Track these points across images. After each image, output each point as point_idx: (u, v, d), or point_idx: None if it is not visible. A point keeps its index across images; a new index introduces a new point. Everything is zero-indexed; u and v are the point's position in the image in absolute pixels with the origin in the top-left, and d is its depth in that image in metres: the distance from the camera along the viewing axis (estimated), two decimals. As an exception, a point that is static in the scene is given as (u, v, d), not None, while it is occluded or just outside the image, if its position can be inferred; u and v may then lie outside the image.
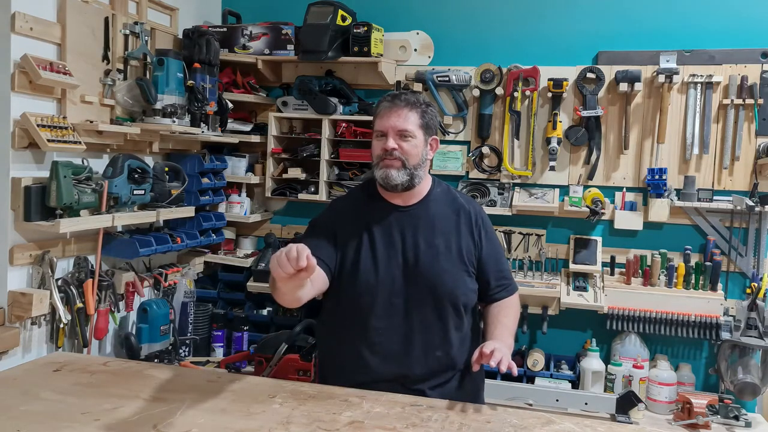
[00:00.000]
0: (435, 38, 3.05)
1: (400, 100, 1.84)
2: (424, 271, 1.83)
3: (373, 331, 1.82)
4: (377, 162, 1.85)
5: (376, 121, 1.87)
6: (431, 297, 1.83)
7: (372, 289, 1.81)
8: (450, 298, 1.84)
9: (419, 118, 1.84)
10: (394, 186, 1.83)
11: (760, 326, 2.47)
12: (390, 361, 1.82)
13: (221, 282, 3.18)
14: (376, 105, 1.90)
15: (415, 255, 1.84)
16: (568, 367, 2.75)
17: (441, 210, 1.92)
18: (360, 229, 1.87)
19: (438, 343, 1.83)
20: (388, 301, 1.82)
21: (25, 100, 2.13)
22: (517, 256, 2.93)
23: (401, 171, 1.82)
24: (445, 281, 1.83)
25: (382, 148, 1.83)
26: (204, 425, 1.47)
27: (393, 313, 1.82)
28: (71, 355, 2.12)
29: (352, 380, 1.80)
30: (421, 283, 1.82)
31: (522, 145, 2.92)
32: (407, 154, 1.82)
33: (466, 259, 1.88)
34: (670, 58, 2.66)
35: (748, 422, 2.37)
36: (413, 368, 1.81)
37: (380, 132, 1.85)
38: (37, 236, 2.19)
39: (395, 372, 1.82)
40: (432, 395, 1.80)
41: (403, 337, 1.82)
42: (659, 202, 2.73)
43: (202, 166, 2.88)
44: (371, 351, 1.82)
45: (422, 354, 1.82)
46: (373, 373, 1.81)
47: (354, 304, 1.84)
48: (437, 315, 1.83)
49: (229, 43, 3.04)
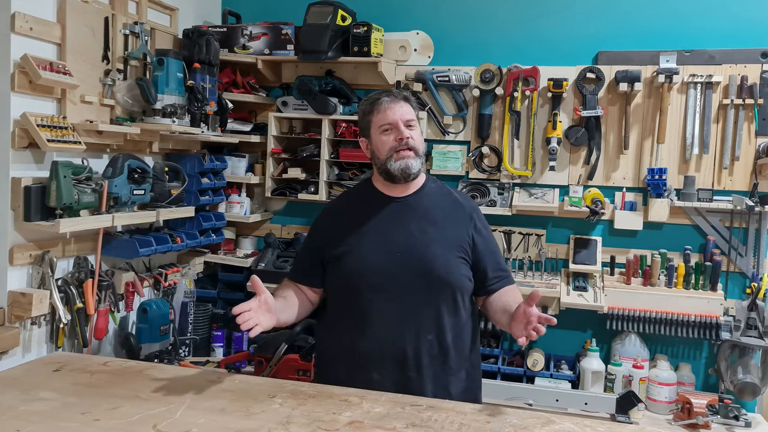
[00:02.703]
0: (435, 38, 3.05)
1: (395, 94, 1.92)
2: (417, 256, 1.84)
3: (367, 315, 1.84)
4: (390, 155, 1.86)
5: (377, 116, 1.89)
6: (423, 281, 1.84)
7: (364, 274, 1.84)
8: (443, 282, 1.85)
9: (414, 109, 1.93)
10: (410, 175, 1.88)
11: (760, 326, 2.47)
12: (382, 344, 1.83)
13: (221, 282, 3.18)
14: (369, 103, 1.92)
15: (408, 241, 1.86)
16: (568, 367, 2.75)
17: (435, 201, 1.95)
18: (354, 222, 1.91)
19: (430, 326, 1.84)
20: (381, 285, 1.84)
21: (25, 100, 2.13)
22: (517, 256, 2.93)
23: (416, 159, 1.88)
24: (437, 266, 1.84)
25: (397, 138, 1.86)
26: (204, 425, 1.47)
27: (385, 297, 1.84)
28: (71, 355, 2.13)
29: (347, 366, 1.84)
30: (413, 267, 1.84)
31: (522, 145, 2.92)
32: (417, 143, 1.89)
33: (460, 247, 1.89)
34: (670, 58, 2.66)
35: (748, 422, 2.37)
36: (406, 350, 1.82)
37: (387, 125, 1.87)
38: (37, 236, 2.19)
39: (388, 355, 1.83)
40: (429, 386, 1.81)
41: (396, 320, 1.83)
42: (659, 202, 2.73)
43: (202, 166, 2.88)
44: (365, 335, 1.84)
45: (414, 337, 1.83)
46: (367, 357, 1.83)
47: (347, 289, 1.88)
48: (429, 299, 1.84)
49: (229, 43, 3.04)
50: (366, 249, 1.87)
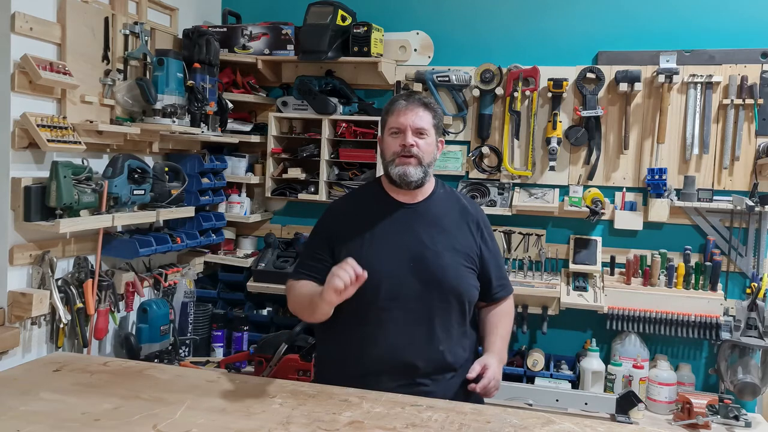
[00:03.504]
0: (435, 38, 3.05)
1: (415, 99, 1.88)
2: (429, 265, 1.83)
3: (376, 323, 1.82)
4: (392, 159, 1.86)
5: (390, 118, 1.88)
6: (436, 291, 1.83)
7: (375, 282, 1.79)
8: (454, 293, 1.85)
9: (432, 118, 1.89)
10: (409, 183, 1.86)
11: (760, 326, 2.47)
12: (392, 353, 1.81)
13: (221, 282, 3.18)
14: (389, 102, 1.91)
15: (420, 250, 1.85)
16: (568, 367, 2.75)
17: (444, 209, 1.94)
18: (363, 225, 1.89)
19: (441, 336, 1.84)
20: (392, 293, 1.82)
21: (25, 100, 2.13)
22: (517, 256, 2.93)
23: (417, 168, 1.85)
24: (449, 276, 1.84)
25: (401, 144, 1.84)
26: (204, 425, 1.47)
27: (396, 306, 1.82)
28: (71, 355, 2.13)
29: (352, 373, 1.81)
30: (425, 277, 1.83)
31: (522, 145, 2.92)
32: (423, 152, 1.85)
33: (468, 256, 1.89)
34: (670, 58, 2.66)
35: (748, 422, 2.37)
36: (416, 361, 1.81)
37: (396, 129, 1.86)
38: (37, 236, 2.19)
39: (397, 365, 1.81)
40: (433, 390, 1.80)
41: (406, 329, 1.82)
42: (659, 202, 2.73)
43: (202, 166, 2.88)
44: (374, 343, 1.82)
45: (425, 347, 1.82)
46: (375, 365, 1.82)
47: (358, 297, 1.81)
48: (441, 309, 1.84)
49: (229, 43, 3.04)
50: (376, 254, 1.83)
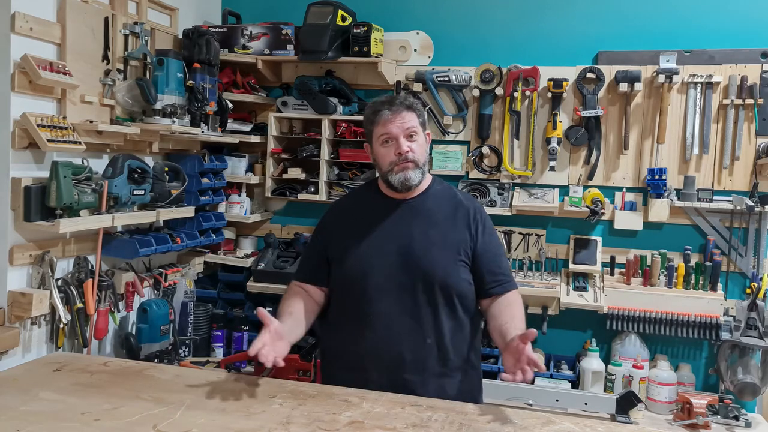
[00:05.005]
0: (435, 38, 3.05)
1: (397, 105, 1.88)
2: (417, 258, 1.85)
3: (366, 316, 1.85)
4: (391, 168, 1.87)
5: (377, 128, 1.89)
6: (422, 284, 1.84)
7: (365, 275, 1.86)
8: (441, 285, 1.85)
9: (417, 117, 1.91)
10: (410, 187, 1.89)
11: (760, 326, 2.47)
12: (382, 345, 1.84)
13: (221, 282, 3.18)
14: (372, 112, 1.90)
15: (409, 243, 1.87)
16: (568, 367, 2.75)
17: (438, 204, 1.95)
18: (357, 221, 1.94)
19: (428, 329, 1.85)
20: (381, 286, 1.85)
21: (25, 100, 2.13)
22: (517, 256, 2.93)
23: (416, 170, 1.88)
24: (437, 269, 1.85)
25: (396, 152, 1.86)
26: (204, 425, 1.47)
27: (385, 298, 1.85)
28: (71, 355, 2.13)
29: (347, 366, 1.86)
30: (413, 270, 1.85)
31: (522, 145, 2.92)
32: (417, 154, 1.88)
33: (461, 250, 1.89)
34: (670, 58, 2.66)
35: (748, 422, 2.37)
36: (404, 354, 1.83)
37: (388, 137, 1.86)
38: (37, 236, 2.19)
39: (387, 357, 1.84)
40: (427, 388, 1.81)
41: (394, 322, 1.84)
42: (659, 202, 2.73)
43: (202, 166, 2.88)
44: (364, 336, 1.85)
45: (412, 339, 1.84)
46: (366, 357, 1.85)
47: (348, 289, 1.90)
48: (427, 302, 1.85)
49: (229, 43, 3.04)
50: (367, 249, 1.88)
